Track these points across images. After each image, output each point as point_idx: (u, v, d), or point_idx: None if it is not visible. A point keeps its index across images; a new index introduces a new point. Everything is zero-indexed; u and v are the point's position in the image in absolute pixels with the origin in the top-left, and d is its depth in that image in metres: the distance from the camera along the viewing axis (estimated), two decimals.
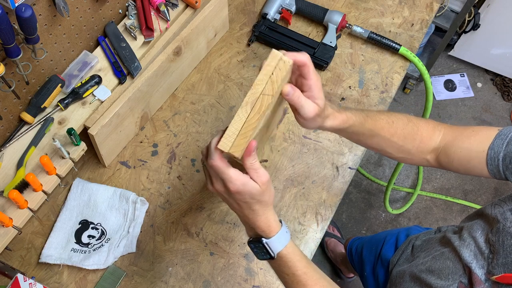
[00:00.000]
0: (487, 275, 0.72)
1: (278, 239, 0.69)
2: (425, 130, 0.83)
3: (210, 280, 0.97)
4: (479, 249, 0.75)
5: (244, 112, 0.66)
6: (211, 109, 1.15)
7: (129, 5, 1.08)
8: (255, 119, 0.66)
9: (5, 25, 0.74)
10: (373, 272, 1.22)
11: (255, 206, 0.67)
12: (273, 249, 0.69)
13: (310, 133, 1.12)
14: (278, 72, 0.66)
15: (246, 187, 0.65)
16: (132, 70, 1.02)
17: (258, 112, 0.66)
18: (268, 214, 0.69)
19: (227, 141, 0.65)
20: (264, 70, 0.66)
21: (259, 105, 0.66)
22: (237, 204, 0.68)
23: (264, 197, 0.67)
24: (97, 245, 0.97)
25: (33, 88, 0.97)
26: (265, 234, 0.69)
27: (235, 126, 0.65)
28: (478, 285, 0.72)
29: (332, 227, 2.04)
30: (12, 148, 0.96)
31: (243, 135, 0.65)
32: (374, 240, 1.30)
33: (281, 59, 0.66)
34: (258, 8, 1.29)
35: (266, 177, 0.67)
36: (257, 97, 0.66)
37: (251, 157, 0.66)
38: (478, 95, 2.43)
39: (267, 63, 0.66)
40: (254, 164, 0.66)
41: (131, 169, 1.07)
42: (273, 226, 0.69)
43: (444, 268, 0.81)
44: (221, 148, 0.65)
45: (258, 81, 0.66)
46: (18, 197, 0.86)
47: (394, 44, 1.20)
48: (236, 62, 1.22)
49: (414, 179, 2.21)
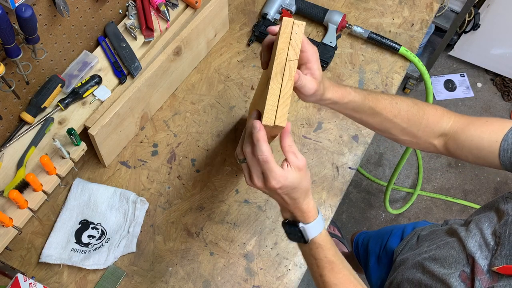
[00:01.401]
0: (489, 266, 0.73)
1: (314, 226, 0.70)
2: (432, 115, 0.82)
3: (210, 280, 0.97)
4: (484, 240, 0.76)
5: (276, 83, 0.66)
6: (211, 109, 1.15)
7: (129, 5, 1.08)
8: (289, 86, 0.66)
9: (5, 25, 0.74)
10: (377, 263, 1.23)
11: (296, 194, 0.67)
12: (309, 234, 0.70)
13: (310, 133, 1.12)
14: (295, 36, 0.68)
15: (288, 180, 0.65)
16: (132, 70, 1.02)
17: (290, 79, 0.66)
18: (308, 200, 0.70)
19: (270, 115, 0.65)
20: (282, 38, 0.67)
21: (288, 71, 0.66)
22: (278, 195, 0.68)
23: (303, 184, 0.67)
24: (97, 245, 0.97)
25: (33, 88, 0.97)
26: (303, 219, 0.70)
27: (272, 99, 0.65)
28: (480, 275, 0.73)
29: (332, 227, 2.05)
30: (12, 148, 0.96)
31: (283, 104, 0.65)
32: (381, 233, 1.31)
33: (294, 23, 0.67)
34: (258, 8, 1.29)
35: (304, 161, 0.67)
36: (284, 65, 0.66)
37: (288, 139, 0.66)
38: (478, 95, 2.43)
39: (283, 31, 0.67)
40: (292, 147, 0.67)
41: (131, 169, 1.07)
42: (312, 212, 0.70)
43: (448, 256, 0.82)
44: (266, 123, 0.64)
45: (280, 50, 0.67)
46: (18, 197, 0.86)
47: (394, 44, 1.20)
48: (236, 62, 1.22)
49: (414, 179, 2.21)
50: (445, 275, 0.79)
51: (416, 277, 0.88)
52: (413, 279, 0.89)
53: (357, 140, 1.12)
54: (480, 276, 0.73)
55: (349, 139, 1.12)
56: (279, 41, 0.67)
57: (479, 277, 0.73)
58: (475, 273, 0.74)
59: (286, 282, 0.97)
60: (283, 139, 0.66)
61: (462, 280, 0.76)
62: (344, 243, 1.98)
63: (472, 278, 0.74)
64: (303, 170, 0.67)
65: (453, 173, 2.23)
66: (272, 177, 0.64)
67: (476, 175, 2.23)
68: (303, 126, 1.13)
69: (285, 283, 0.97)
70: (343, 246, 1.96)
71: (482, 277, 0.72)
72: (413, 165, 2.25)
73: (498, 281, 0.70)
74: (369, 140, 1.12)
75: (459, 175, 2.23)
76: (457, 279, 0.77)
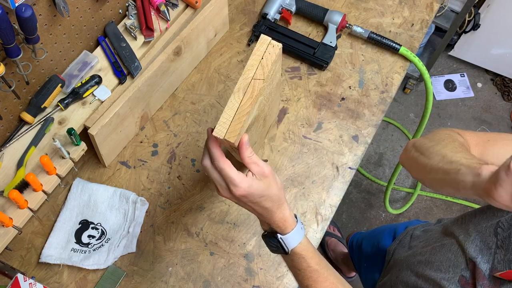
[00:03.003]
0: (491, 270, 0.70)
1: (293, 236, 0.68)
2: None
3: (210, 280, 0.97)
4: (485, 244, 0.74)
5: (236, 98, 0.66)
6: (211, 109, 1.15)
7: (129, 5, 1.08)
8: (248, 104, 0.66)
9: (5, 25, 0.74)
10: (370, 263, 1.22)
11: (266, 203, 0.66)
12: (288, 245, 0.69)
13: (310, 133, 1.12)
14: (268, 56, 0.67)
15: (252, 188, 0.64)
16: (132, 70, 1.02)
17: (251, 97, 0.66)
18: (282, 208, 0.68)
19: (222, 127, 0.64)
20: (254, 56, 0.67)
21: (251, 90, 0.66)
22: (248, 205, 0.67)
23: (272, 190, 0.66)
24: (97, 245, 0.97)
25: (33, 88, 0.97)
26: (280, 230, 0.69)
27: (228, 113, 0.65)
28: (481, 280, 0.70)
29: (332, 227, 2.05)
30: (12, 148, 0.96)
31: (237, 121, 0.65)
32: (373, 233, 1.31)
33: (270, 43, 0.67)
34: (258, 8, 1.29)
35: (268, 168, 0.66)
36: (249, 82, 0.66)
37: (247, 151, 0.65)
38: (478, 95, 2.43)
39: (256, 48, 0.67)
40: (252, 157, 0.65)
41: (131, 169, 1.07)
42: (288, 222, 0.69)
43: (445, 260, 0.80)
44: (216, 134, 0.64)
45: (248, 67, 0.67)
46: (18, 197, 0.86)
47: (394, 44, 1.20)
48: (236, 62, 1.22)
49: (414, 179, 2.21)
50: (443, 280, 0.77)
51: (411, 280, 0.86)
52: (408, 282, 0.87)
53: (357, 140, 1.12)
54: (482, 281, 0.70)
55: (349, 139, 1.12)
56: (250, 57, 0.67)
57: (480, 282, 0.70)
58: (476, 278, 0.71)
59: (286, 282, 0.97)
60: (241, 152, 0.65)
61: (462, 285, 0.74)
62: (344, 243, 1.98)
63: (473, 283, 0.72)
64: (268, 177, 0.65)
65: None
66: (232, 184, 0.63)
67: None
68: (303, 126, 1.13)
69: (285, 283, 0.97)
70: (343, 246, 1.96)
71: (483, 282, 0.70)
72: None
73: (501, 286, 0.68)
74: (369, 140, 1.12)
75: None
76: (456, 285, 0.75)
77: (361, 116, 1.15)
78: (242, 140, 0.65)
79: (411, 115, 2.38)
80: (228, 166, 0.64)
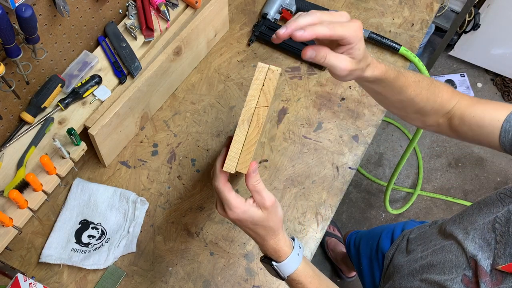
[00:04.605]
0: (492, 265, 0.70)
1: (288, 264, 0.68)
2: (445, 93, 0.80)
3: (210, 280, 0.97)
4: (484, 240, 0.74)
5: (242, 131, 0.66)
6: (211, 109, 1.15)
7: (129, 5, 1.08)
8: (255, 133, 0.66)
9: (5, 25, 0.74)
10: (370, 266, 1.22)
11: (260, 231, 0.66)
12: (284, 272, 0.68)
13: (310, 133, 1.12)
14: (268, 82, 0.67)
15: (246, 214, 0.64)
16: (132, 70, 1.02)
17: (257, 126, 0.66)
18: (276, 239, 0.67)
19: (232, 162, 0.65)
20: (254, 85, 0.67)
21: (256, 118, 0.66)
22: (241, 227, 0.67)
23: (268, 223, 0.65)
24: (97, 245, 0.97)
25: (33, 88, 0.97)
26: (274, 258, 0.68)
27: (236, 146, 0.66)
28: (484, 277, 0.70)
29: (332, 227, 2.05)
30: (12, 148, 0.96)
31: (246, 151, 0.65)
32: (371, 234, 1.30)
33: (269, 69, 0.67)
34: (258, 8, 1.29)
35: (271, 201, 0.65)
36: (252, 112, 0.67)
37: (253, 178, 0.64)
38: (478, 95, 2.43)
39: (256, 77, 0.67)
40: (257, 186, 0.64)
41: (131, 169, 1.07)
42: (283, 251, 0.68)
43: (447, 261, 0.80)
44: (227, 170, 0.65)
45: (250, 97, 0.67)
46: (18, 197, 0.86)
47: (394, 44, 1.20)
48: (236, 62, 1.22)
49: (414, 179, 2.21)
50: (447, 281, 0.77)
51: (415, 286, 0.86)
52: (412, 287, 0.87)
53: (357, 140, 1.12)
54: (484, 278, 0.70)
55: (349, 139, 1.12)
56: (250, 87, 0.67)
57: (483, 279, 0.70)
58: (479, 276, 0.71)
59: None
60: (247, 179, 0.64)
61: (465, 284, 0.74)
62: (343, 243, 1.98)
63: (476, 282, 0.72)
64: (269, 209, 0.65)
65: (453, 173, 2.23)
66: (227, 207, 0.64)
67: (476, 175, 2.23)
68: (303, 126, 1.13)
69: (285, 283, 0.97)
70: (343, 246, 1.96)
71: (486, 279, 0.70)
72: (413, 165, 2.25)
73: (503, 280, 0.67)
74: (369, 140, 1.12)
75: (459, 175, 2.23)
76: (460, 285, 0.74)
77: (361, 116, 1.15)
78: (249, 169, 0.65)
79: None
80: (227, 189, 0.64)
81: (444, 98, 0.80)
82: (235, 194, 0.64)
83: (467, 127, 0.78)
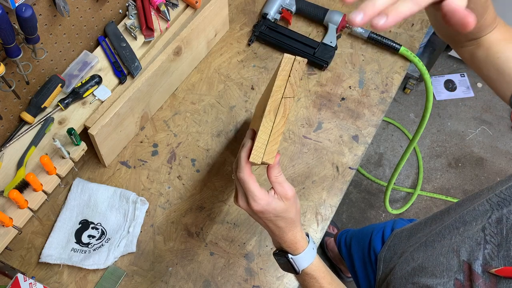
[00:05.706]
0: (483, 266, 0.68)
1: (304, 257, 0.68)
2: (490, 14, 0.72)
3: (210, 280, 0.97)
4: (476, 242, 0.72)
5: (269, 121, 0.66)
6: (211, 109, 1.15)
7: (129, 5, 1.08)
8: (282, 123, 0.66)
9: (5, 25, 0.74)
10: (363, 267, 1.21)
11: (280, 223, 0.66)
12: (299, 265, 0.68)
13: (310, 133, 1.12)
14: (295, 73, 0.67)
15: (270, 206, 0.64)
16: (132, 70, 1.02)
17: (284, 116, 0.66)
18: (295, 231, 0.68)
19: (258, 152, 0.65)
20: (281, 76, 0.67)
21: (283, 109, 0.66)
22: (262, 221, 0.67)
23: (289, 214, 0.66)
24: (97, 245, 0.97)
25: (33, 88, 0.97)
26: (291, 251, 0.68)
27: (263, 137, 0.65)
28: (476, 280, 0.69)
29: (332, 227, 2.05)
30: (12, 148, 0.96)
31: (272, 142, 0.66)
32: (361, 233, 1.29)
33: (295, 59, 0.67)
34: (258, 8, 1.29)
35: (292, 191, 0.66)
36: (279, 102, 0.66)
37: (275, 170, 0.65)
38: (478, 95, 2.43)
39: (282, 68, 0.67)
40: (279, 178, 0.65)
41: (131, 169, 1.07)
42: (300, 243, 0.68)
43: (437, 264, 0.79)
44: (253, 160, 0.65)
45: (276, 88, 0.67)
46: (18, 197, 0.86)
47: (394, 44, 1.20)
48: (236, 62, 1.22)
49: (414, 179, 2.21)
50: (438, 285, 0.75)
51: None
52: None
53: (357, 140, 1.12)
54: (477, 281, 0.68)
55: (349, 139, 1.12)
56: (277, 78, 0.67)
57: (476, 283, 0.68)
58: (472, 280, 0.69)
59: (286, 282, 0.97)
60: (269, 171, 0.65)
61: None
62: None
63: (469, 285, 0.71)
64: (290, 200, 0.65)
65: (453, 173, 2.24)
66: (251, 198, 0.64)
67: (476, 175, 2.23)
68: (303, 126, 1.13)
69: (285, 283, 0.97)
70: None
71: (478, 282, 0.68)
72: (413, 165, 2.25)
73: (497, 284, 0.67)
74: (369, 140, 1.12)
75: (459, 175, 2.23)
76: None
77: (361, 116, 1.15)
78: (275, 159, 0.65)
79: (411, 115, 2.38)
80: (252, 180, 0.64)
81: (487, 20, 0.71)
82: (258, 186, 0.64)
83: (488, 65, 0.71)
